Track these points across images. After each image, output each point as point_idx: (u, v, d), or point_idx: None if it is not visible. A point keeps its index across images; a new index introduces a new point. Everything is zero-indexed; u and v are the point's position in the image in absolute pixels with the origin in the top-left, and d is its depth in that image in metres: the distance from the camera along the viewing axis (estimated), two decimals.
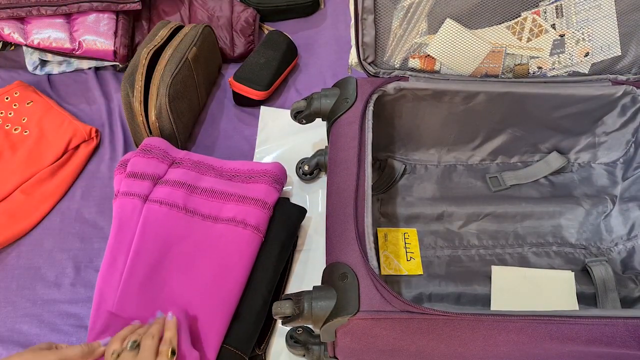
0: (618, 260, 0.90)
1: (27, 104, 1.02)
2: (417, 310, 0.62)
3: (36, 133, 0.99)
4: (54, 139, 0.99)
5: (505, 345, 0.63)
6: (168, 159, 0.88)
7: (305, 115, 0.89)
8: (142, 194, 0.82)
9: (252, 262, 0.80)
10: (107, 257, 0.78)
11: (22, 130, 0.99)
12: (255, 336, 0.78)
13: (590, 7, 0.84)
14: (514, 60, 0.88)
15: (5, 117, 1.00)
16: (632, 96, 0.89)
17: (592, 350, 0.63)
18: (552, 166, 0.98)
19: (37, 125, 1.00)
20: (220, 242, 0.80)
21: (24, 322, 0.84)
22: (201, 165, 0.88)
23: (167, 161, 0.87)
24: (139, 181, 0.83)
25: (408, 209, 0.95)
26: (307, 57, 1.19)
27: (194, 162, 0.88)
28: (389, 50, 0.87)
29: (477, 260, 0.91)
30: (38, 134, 0.99)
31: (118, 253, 0.78)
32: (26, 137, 0.99)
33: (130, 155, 0.88)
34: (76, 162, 0.99)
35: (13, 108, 1.01)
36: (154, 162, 0.86)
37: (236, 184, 0.86)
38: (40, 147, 0.98)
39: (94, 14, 1.07)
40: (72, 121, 1.02)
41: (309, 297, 0.65)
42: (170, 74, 0.94)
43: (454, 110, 0.91)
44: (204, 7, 1.17)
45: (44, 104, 1.03)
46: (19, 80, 1.07)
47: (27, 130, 1.00)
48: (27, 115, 1.01)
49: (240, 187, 0.86)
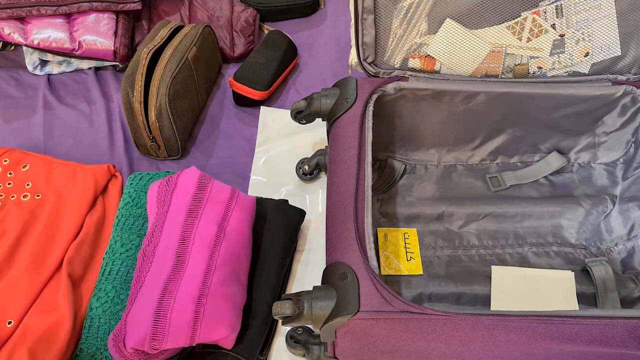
0: (618, 260, 0.90)
1: (23, 167, 0.90)
2: (417, 310, 0.62)
3: (51, 194, 0.88)
4: (75, 191, 0.88)
5: (505, 345, 0.63)
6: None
7: (305, 115, 0.89)
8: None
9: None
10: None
11: (32, 196, 0.87)
12: (261, 342, 0.78)
13: (590, 7, 0.84)
14: (514, 60, 0.88)
15: (5, 189, 0.87)
16: (632, 96, 0.89)
17: (592, 350, 0.63)
18: (552, 166, 0.98)
19: (46, 185, 0.89)
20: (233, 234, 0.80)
21: None
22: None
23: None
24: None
25: (408, 209, 0.95)
26: (307, 57, 1.19)
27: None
28: (389, 50, 0.87)
29: (477, 260, 0.91)
30: (54, 194, 0.87)
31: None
32: (40, 201, 0.86)
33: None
34: (111, 206, 0.90)
35: (9, 177, 0.89)
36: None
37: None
38: (63, 206, 0.86)
39: (94, 14, 1.07)
40: (83, 167, 0.92)
41: (309, 297, 0.65)
42: (170, 74, 0.94)
43: (454, 110, 0.91)
44: (204, 7, 1.17)
45: (42, 162, 0.92)
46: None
47: (39, 194, 0.87)
48: (29, 180, 0.89)
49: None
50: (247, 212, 0.82)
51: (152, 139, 0.97)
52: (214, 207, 0.79)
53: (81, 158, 1.01)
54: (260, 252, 0.84)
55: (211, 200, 0.80)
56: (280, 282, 0.84)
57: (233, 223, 0.79)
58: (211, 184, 0.82)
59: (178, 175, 0.83)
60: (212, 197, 0.80)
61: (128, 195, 0.89)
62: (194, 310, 0.70)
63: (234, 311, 0.74)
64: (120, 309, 0.78)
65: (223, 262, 0.75)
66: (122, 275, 0.81)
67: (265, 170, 1.01)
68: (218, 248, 0.76)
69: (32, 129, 1.05)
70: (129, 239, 0.85)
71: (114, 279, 0.80)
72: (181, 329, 0.69)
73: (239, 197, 0.82)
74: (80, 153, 1.02)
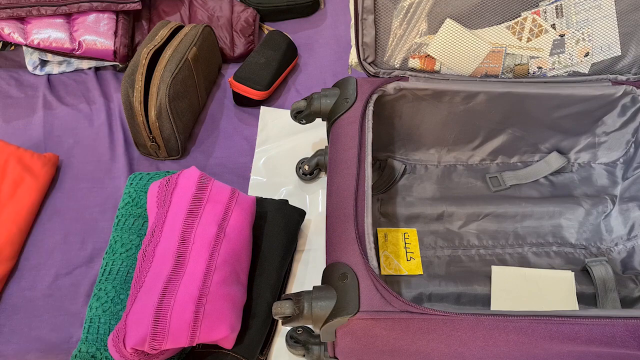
0: (618, 260, 0.90)
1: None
2: (417, 310, 0.62)
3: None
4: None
5: (505, 345, 0.63)
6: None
7: (305, 115, 0.89)
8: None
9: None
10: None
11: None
12: (261, 342, 0.78)
13: (590, 7, 0.84)
14: (514, 60, 0.88)
15: None
16: (632, 96, 0.89)
17: (592, 350, 0.63)
18: (552, 166, 0.98)
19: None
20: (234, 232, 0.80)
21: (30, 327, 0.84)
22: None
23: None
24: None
25: (408, 209, 0.95)
26: (307, 57, 1.19)
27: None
28: (389, 50, 0.87)
29: (477, 260, 0.91)
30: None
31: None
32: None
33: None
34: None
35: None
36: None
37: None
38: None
39: (94, 14, 1.07)
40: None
41: (309, 297, 0.65)
42: (170, 74, 0.94)
43: (454, 110, 0.91)
44: (204, 7, 1.17)
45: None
46: None
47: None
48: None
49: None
50: (247, 212, 0.82)
51: (152, 139, 0.97)
52: (214, 207, 0.79)
53: (81, 158, 1.01)
54: (260, 252, 0.84)
55: (211, 200, 0.80)
56: (280, 282, 0.84)
57: (233, 223, 0.79)
58: (211, 184, 0.82)
59: (178, 175, 0.83)
60: (212, 197, 0.80)
61: (128, 195, 0.89)
62: (194, 310, 0.70)
63: (234, 311, 0.74)
64: (120, 309, 0.78)
65: (223, 262, 0.75)
66: (122, 275, 0.81)
67: (265, 170, 1.01)
68: (218, 248, 0.76)
69: (32, 129, 1.04)
70: (129, 239, 0.85)
71: (114, 279, 0.80)
72: (181, 329, 0.69)
73: (239, 197, 0.82)
74: (80, 153, 1.02)
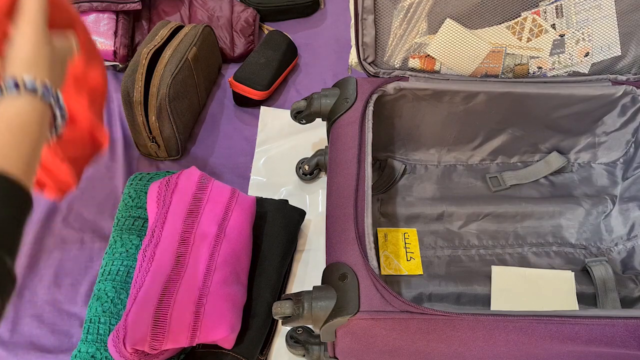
0: (618, 260, 0.90)
1: None
2: (417, 310, 0.62)
3: None
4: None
5: (505, 345, 0.63)
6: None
7: (305, 115, 0.89)
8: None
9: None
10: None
11: None
12: (261, 342, 0.78)
13: (590, 7, 0.84)
14: (514, 60, 0.88)
15: None
16: (632, 96, 0.89)
17: (592, 350, 0.63)
18: (552, 166, 0.98)
19: None
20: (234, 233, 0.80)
21: (25, 323, 0.84)
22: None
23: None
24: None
25: (408, 209, 0.95)
26: (307, 57, 1.19)
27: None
28: (389, 50, 0.87)
29: (477, 260, 0.91)
30: None
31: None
32: None
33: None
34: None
35: None
36: None
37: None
38: None
39: (94, 14, 1.07)
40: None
41: (309, 297, 0.65)
42: (170, 74, 0.94)
43: (454, 110, 0.91)
44: (204, 7, 1.17)
45: None
46: None
47: None
48: None
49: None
50: (247, 212, 0.82)
51: (152, 139, 0.97)
52: (214, 207, 0.79)
53: None
54: (260, 252, 0.84)
55: (211, 200, 0.80)
56: (280, 282, 0.84)
57: (233, 223, 0.79)
58: (211, 184, 0.82)
59: (178, 175, 0.83)
60: (212, 197, 0.80)
61: (128, 196, 0.89)
62: (194, 311, 0.70)
63: (234, 311, 0.74)
64: (120, 309, 0.78)
65: (223, 262, 0.75)
66: (122, 275, 0.81)
67: (265, 170, 1.01)
68: (218, 248, 0.76)
69: None
70: (129, 239, 0.85)
71: (113, 279, 0.80)
72: (181, 329, 0.69)
73: (239, 197, 0.82)
74: None
